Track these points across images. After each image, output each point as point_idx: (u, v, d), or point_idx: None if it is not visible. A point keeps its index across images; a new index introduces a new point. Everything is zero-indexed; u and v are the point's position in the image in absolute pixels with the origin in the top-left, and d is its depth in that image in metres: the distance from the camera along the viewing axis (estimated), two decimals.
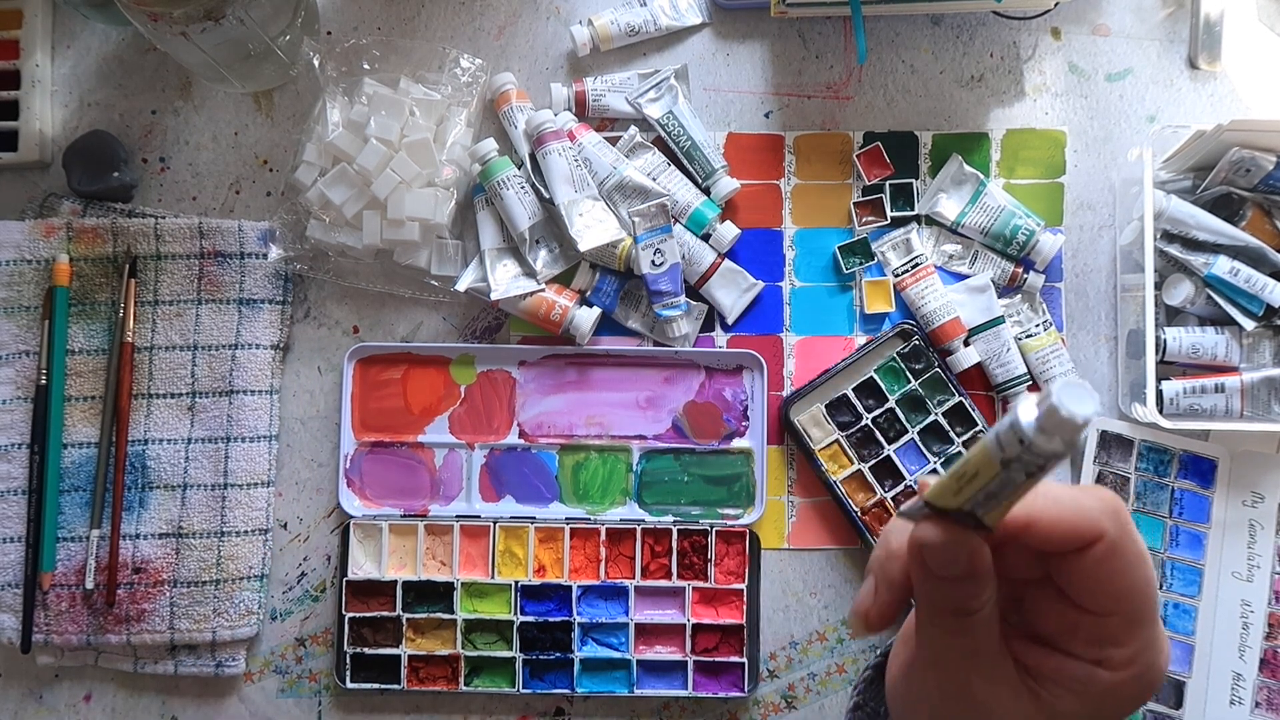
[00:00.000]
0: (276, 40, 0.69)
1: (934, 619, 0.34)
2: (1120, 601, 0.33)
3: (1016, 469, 0.28)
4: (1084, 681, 0.33)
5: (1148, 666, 0.33)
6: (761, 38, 0.76)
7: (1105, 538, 0.32)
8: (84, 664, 0.71)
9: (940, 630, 0.34)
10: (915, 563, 0.33)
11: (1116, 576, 0.32)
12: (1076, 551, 0.32)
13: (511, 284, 0.71)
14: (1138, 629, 0.33)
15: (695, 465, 0.73)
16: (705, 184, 0.74)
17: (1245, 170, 0.67)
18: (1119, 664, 0.33)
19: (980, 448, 0.28)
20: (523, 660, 0.71)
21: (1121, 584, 0.32)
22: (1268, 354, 0.69)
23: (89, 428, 0.71)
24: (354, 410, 0.73)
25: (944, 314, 0.71)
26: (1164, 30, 0.76)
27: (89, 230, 0.72)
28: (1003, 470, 0.28)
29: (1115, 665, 0.33)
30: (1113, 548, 0.32)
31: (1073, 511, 0.32)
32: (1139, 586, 0.33)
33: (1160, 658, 0.34)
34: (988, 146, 0.75)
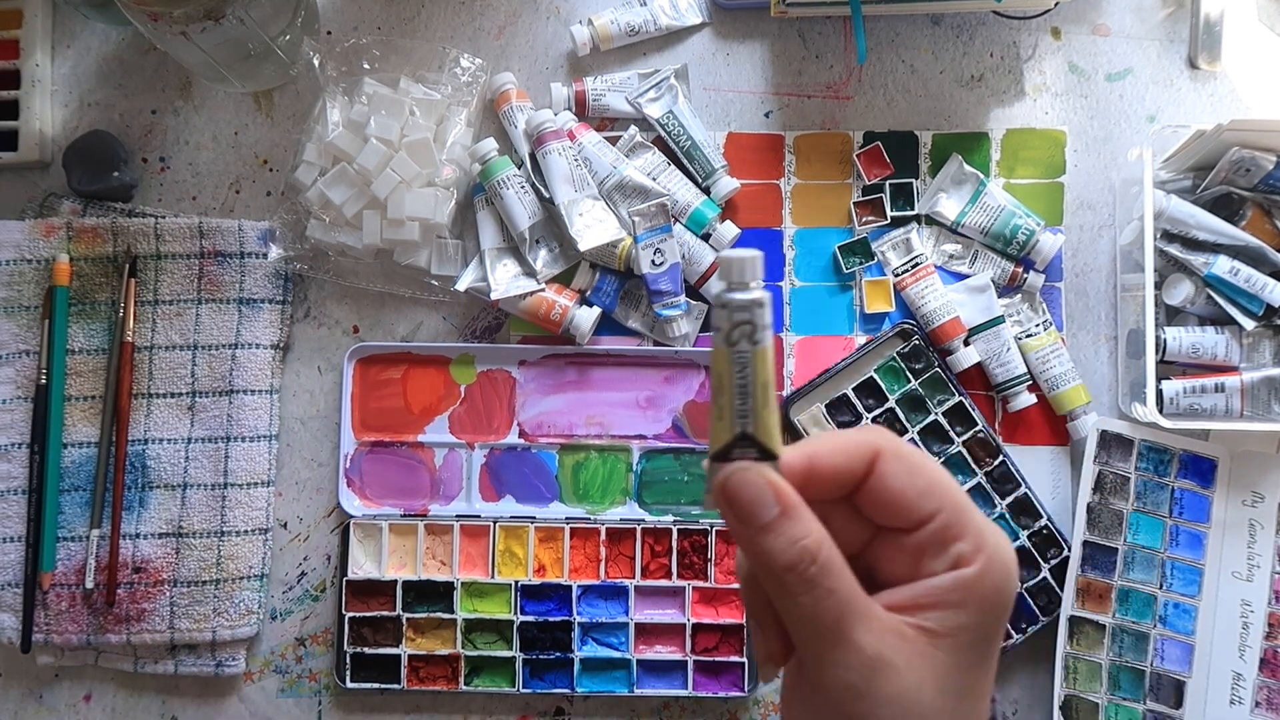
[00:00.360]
0: (276, 40, 0.69)
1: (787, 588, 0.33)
2: (930, 498, 0.34)
3: (738, 337, 0.31)
4: (954, 589, 0.33)
5: (994, 545, 0.34)
6: (761, 38, 0.76)
7: (881, 450, 0.34)
8: (84, 664, 0.71)
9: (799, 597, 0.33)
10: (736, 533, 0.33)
11: (913, 475, 0.34)
12: (867, 478, 0.34)
13: (511, 284, 0.71)
14: (963, 516, 0.34)
15: (695, 465, 0.73)
16: (705, 184, 0.74)
17: (1245, 170, 0.67)
18: (970, 555, 0.33)
19: (711, 352, 0.32)
20: (523, 660, 0.71)
21: (921, 481, 0.34)
22: (1268, 354, 0.69)
23: (89, 427, 0.71)
24: (354, 410, 0.73)
25: (944, 314, 0.71)
26: (1164, 30, 0.76)
27: (89, 230, 0.72)
28: (730, 350, 0.31)
29: (967, 559, 0.33)
30: (892, 454, 0.34)
31: (843, 440, 0.35)
32: (939, 478, 0.34)
33: (1001, 537, 0.34)
34: (988, 146, 0.75)
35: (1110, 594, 0.70)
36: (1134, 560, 0.70)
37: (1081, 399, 0.71)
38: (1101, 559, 0.70)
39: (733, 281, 0.31)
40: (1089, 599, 0.70)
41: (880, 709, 0.33)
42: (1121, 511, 0.70)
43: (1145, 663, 0.69)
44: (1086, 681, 0.69)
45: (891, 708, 0.33)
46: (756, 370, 0.31)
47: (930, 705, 0.33)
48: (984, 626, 0.34)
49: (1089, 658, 0.69)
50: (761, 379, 0.31)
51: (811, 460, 0.34)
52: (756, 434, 0.32)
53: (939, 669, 0.33)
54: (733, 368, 0.31)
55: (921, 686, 0.33)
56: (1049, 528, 0.71)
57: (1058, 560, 0.71)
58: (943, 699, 0.33)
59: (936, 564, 0.34)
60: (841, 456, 0.34)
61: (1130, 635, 0.69)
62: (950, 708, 0.33)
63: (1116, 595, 0.70)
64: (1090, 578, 0.70)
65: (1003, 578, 0.34)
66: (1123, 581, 0.70)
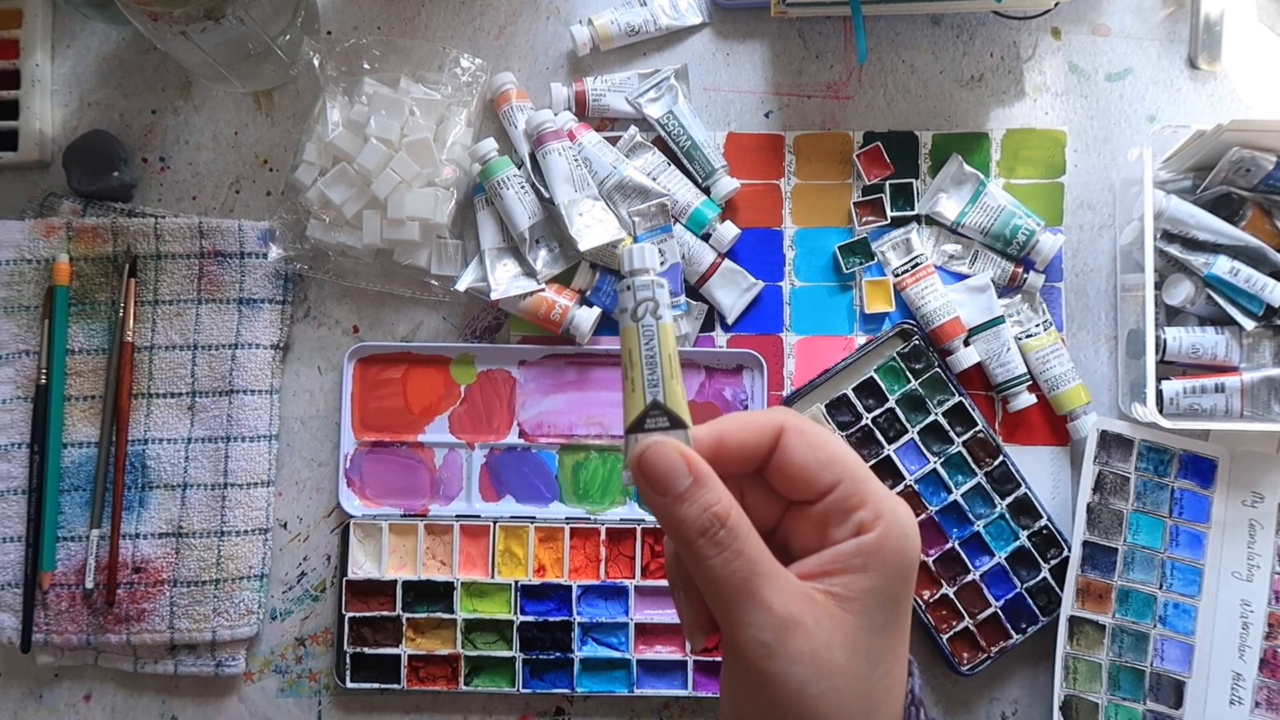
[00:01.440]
0: (276, 40, 0.69)
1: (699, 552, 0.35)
2: (831, 469, 0.36)
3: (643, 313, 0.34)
4: (857, 554, 0.35)
5: (894, 513, 0.36)
6: (761, 38, 0.76)
7: (785, 426, 0.36)
8: (84, 664, 0.71)
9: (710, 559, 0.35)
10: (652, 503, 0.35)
11: (814, 449, 0.36)
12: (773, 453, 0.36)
13: (511, 284, 0.71)
14: (862, 486, 0.36)
15: None
16: (705, 184, 0.74)
17: (1245, 170, 0.67)
18: (870, 522, 0.35)
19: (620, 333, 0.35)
20: (523, 660, 0.71)
21: (822, 454, 0.36)
22: (1268, 354, 0.69)
23: (89, 427, 0.71)
24: (354, 410, 0.73)
25: (944, 314, 0.71)
26: (1164, 30, 0.76)
27: (89, 230, 0.72)
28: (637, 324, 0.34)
29: (868, 525, 0.35)
30: (795, 430, 0.36)
31: (751, 418, 0.37)
32: (839, 451, 0.36)
33: (899, 505, 0.36)
34: (988, 146, 0.75)
35: (1110, 594, 0.70)
36: (1134, 560, 0.70)
37: (1081, 399, 0.71)
38: (1101, 559, 0.70)
39: (634, 268, 0.35)
40: (1089, 599, 0.70)
41: (792, 667, 0.34)
42: (1121, 511, 0.70)
43: (1145, 663, 0.69)
44: (1086, 681, 0.69)
45: (802, 666, 0.34)
46: (662, 343, 0.34)
47: (841, 665, 0.34)
48: (889, 589, 0.35)
49: (1089, 658, 0.69)
50: (667, 351, 0.34)
51: (720, 436, 0.36)
52: (667, 403, 0.34)
53: (848, 630, 0.34)
54: (640, 341, 0.34)
55: (831, 646, 0.34)
56: (1049, 528, 0.71)
57: (1058, 560, 0.71)
58: (854, 660, 0.34)
59: (840, 532, 0.36)
60: (748, 432, 0.36)
61: (1130, 635, 0.70)
62: (861, 669, 0.35)
63: (1116, 595, 0.70)
64: (1090, 578, 0.70)
65: (902, 541, 0.35)
66: (1123, 581, 0.70)
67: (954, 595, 0.71)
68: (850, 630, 0.34)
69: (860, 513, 0.35)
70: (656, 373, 0.34)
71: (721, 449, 0.36)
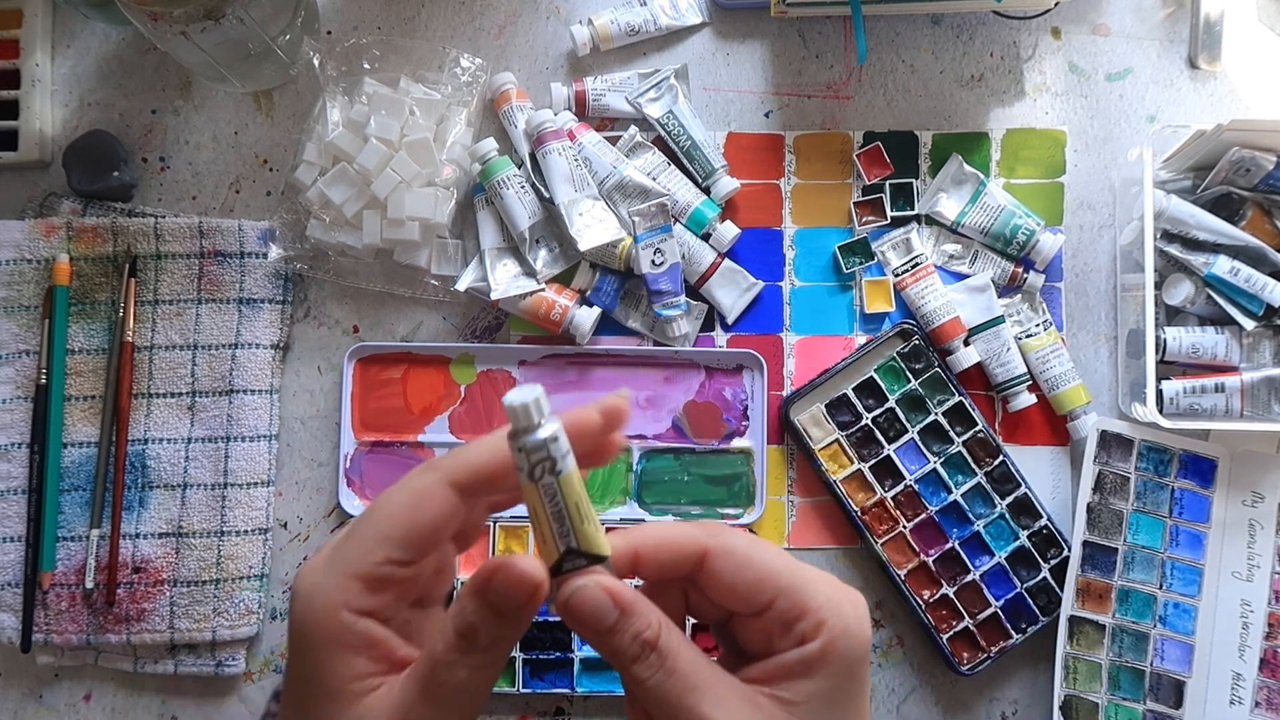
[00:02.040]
0: (276, 40, 0.69)
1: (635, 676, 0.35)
2: (763, 589, 0.35)
3: (540, 473, 0.32)
4: (800, 663, 0.35)
5: (838, 616, 0.35)
6: (761, 37, 0.76)
7: (709, 550, 0.35)
8: (84, 664, 0.71)
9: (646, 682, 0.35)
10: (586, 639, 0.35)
11: (742, 570, 0.35)
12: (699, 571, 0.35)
13: (511, 284, 0.71)
14: (803, 595, 0.35)
15: (695, 465, 0.73)
16: (705, 184, 0.74)
17: (1245, 170, 0.67)
18: (812, 631, 0.35)
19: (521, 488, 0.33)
20: (523, 660, 0.71)
21: (749, 575, 0.35)
22: (1268, 354, 0.69)
23: (89, 427, 0.71)
24: (354, 410, 0.73)
25: (944, 314, 0.71)
26: (1164, 30, 0.76)
27: (89, 230, 0.72)
28: (535, 485, 0.32)
29: (810, 635, 0.35)
30: (719, 552, 0.35)
31: (669, 537, 0.36)
32: (770, 566, 0.35)
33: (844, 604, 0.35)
34: (988, 146, 0.75)
35: (1110, 594, 0.70)
36: (1134, 560, 0.70)
37: (1081, 399, 0.71)
38: (1101, 559, 0.70)
39: (520, 426, 0.32)
40: (1089, 599, 0.70)
41: None
42: (1121, 511, 0.70)
43: (1145, 663, 0.69)
44: (1086, 681, 0.69)
45: None
46: (565, 495, 0.33)
47: None
48: (837, 689, 0.35)
49: (1089, 658, 0.69)
50: (572, 500, 0.33)
51: (636, 554, 0.36)
52: (580, 546, 0.34)
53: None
54: (543, 500, 0.33)
55: None
56: (1049, 528, 0.71)
57: (1058, 560, 0.71)
58: None
59: (783, 642, 0.35)
60: (666, 553, 0.36)
61: (1130, 635, 0.70)
62: None
63: (1116, 595, 0.70)
64: (1090, 578, 0.70)
65: (846, 643, 0.35)
66: (1123, 581, 0.70)
67: (954, 595, 0.71)
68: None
69: (800, 624, 0.35)
70: (565, 524, 0.33)
71: (637, 566, 0.36)
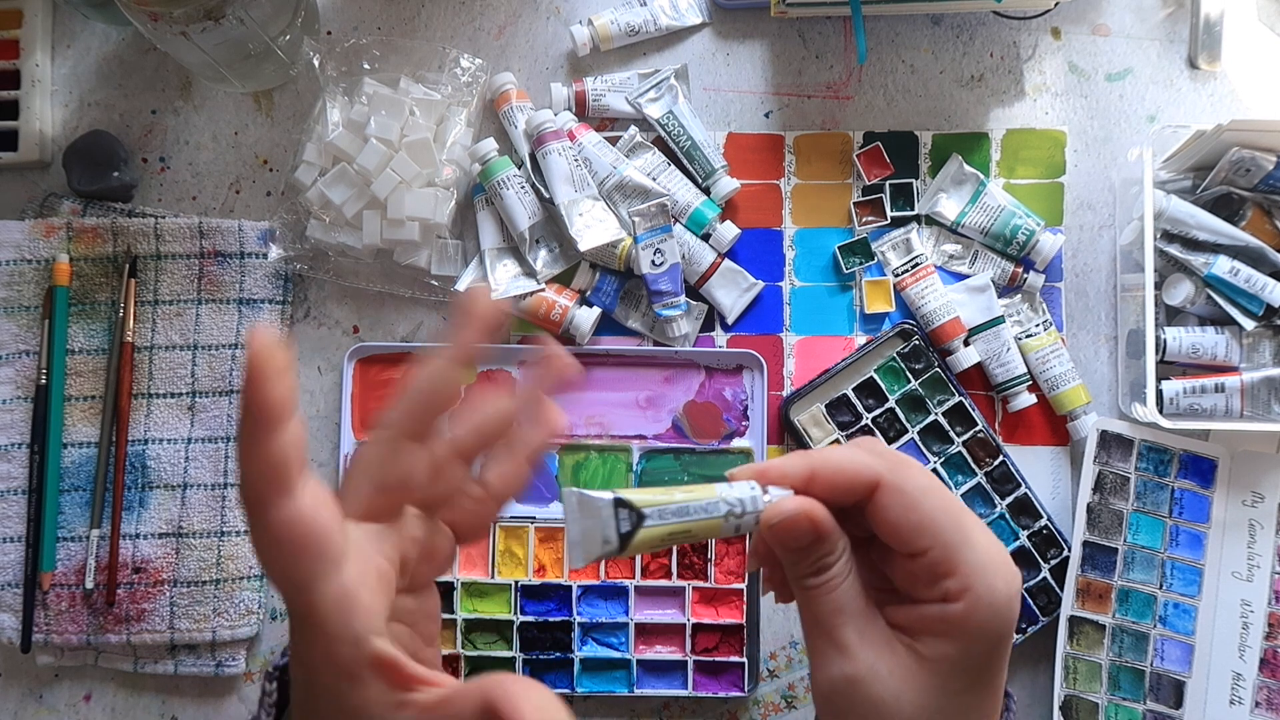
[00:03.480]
0: (276, 40, 0.69)
1: (800, 584, 0.36)
2: (923, 535, 0.35)
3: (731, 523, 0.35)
4: (940, 621, 0.35)
5: (986, 588, 0.34)
6: (761, 38, 0.76)
7: (881, 481, 0.35)
8: (84, 664, 0.71)
9: (809, 592, 0.36)
10: (772, 543, 0.36)
11: (908, 512, 0.35)
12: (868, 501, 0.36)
13: (511, 284, 0.71)
14: (956, 555, 0.34)
15: (695, 465, 0.73)
16: (705, 184, 0.74)
17: (1245, 170, 0.67)
18: (956, 593, 0.34)
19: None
20: (523, 660, 0.71)
21: (914, 518, 0.35)
22: (1268, 354, 0.69)
23: (89, 427, 0.71)
24: (354, 410, 0.73)
25: (944, 314, 0.71)
26: (1164, 30, 0.76)
27: (89, 230, 0.72)
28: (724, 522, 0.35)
29: (954, 595, 0.34)
30: (892, 488, 0.35)
31: (848, 462, 0.36)
32: (935, 516, 0.35)
33: (996, 581, 0.34)
34: (988, 146, 0.75)
35: (1110, 594, 0.70)
36: (1134, 560, 0.70)
37: (1081, 399, 0.71)
38: (1101, 559, 0.70)
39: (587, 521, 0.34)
40: (1089, 599, 0.70)
41: (857, 707, 0.35)
42: (1121, 511, 0.70)
43: (1145, 663, 0.69)
44: (1086, 681, 0.69)
45: (866, 708, 0.34)
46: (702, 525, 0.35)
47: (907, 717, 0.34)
48: (971, 657, 0.35)
49: (1089, 658, 0.69)
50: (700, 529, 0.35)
51: (814, 473, 0.36)
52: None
53: (922, 685, 0.34)
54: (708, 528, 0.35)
55: (900, 698, 0.34)
56: (1049, 528, 0.71)
57: (1058, 560, 0.71)
58: (921, 715, 0.34)
59: (927, 592, 0.35)
60: (842, 479, 0.36)
61: (1130, 635, 0.70)
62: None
63: (1116, 595, 0.70)
64: (1090, 578, 0.70)
65: (989, 616, 0.34)
66: (1123, 581, 0.70)
67: None
68: (923, 686, 0.34)
69: (947, 582, 0.34)
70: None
71: (810, 486, 0.36)
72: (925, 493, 0.35)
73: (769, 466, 0.36)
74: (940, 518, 0.35)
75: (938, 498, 0.35)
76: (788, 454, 0.37)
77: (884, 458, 0.36)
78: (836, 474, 0.36)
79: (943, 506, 0.35)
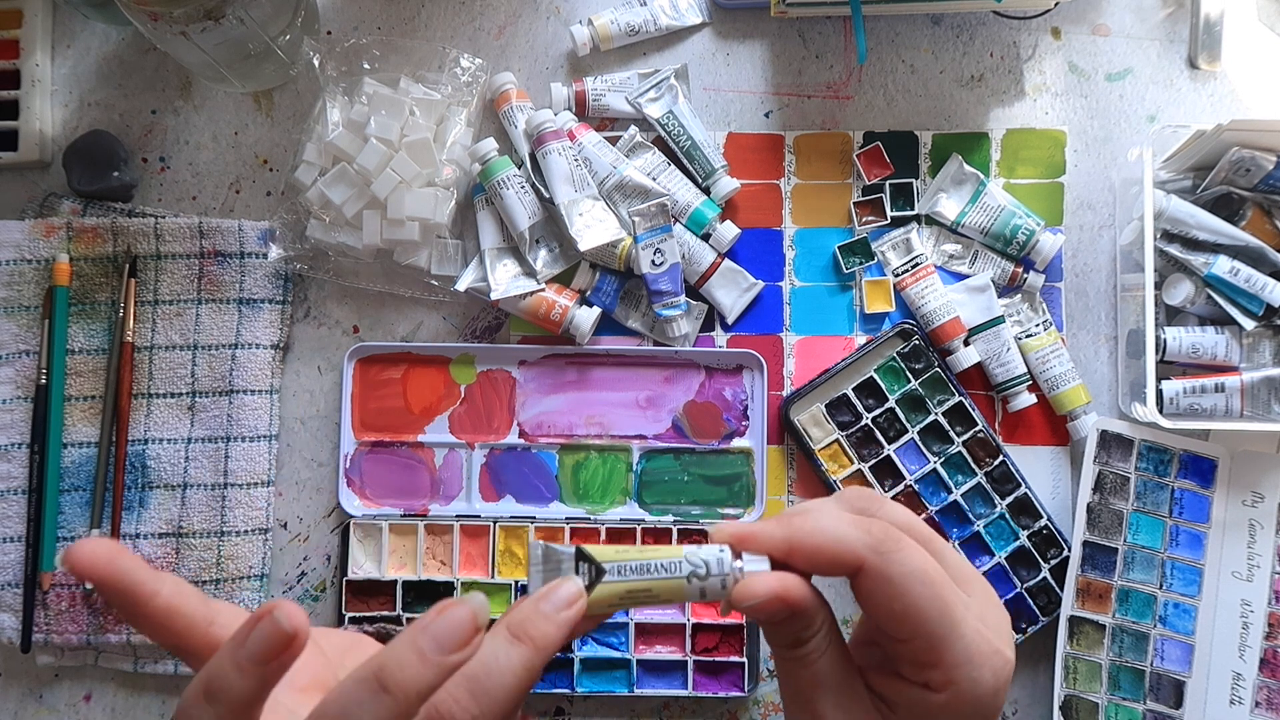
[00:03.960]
0: (276, 40, 0.69)
1: (778, 653, 0.35)
2: (906, 624, 0.33)
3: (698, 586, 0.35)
4: (919, 705, 0.34)
5: (971, 681, 0.33)
6: (761, 37, 0.76)
7: (864, 566, 0.33)
8: (84, 664, 0.71)
9: (786, 662, 0.35)
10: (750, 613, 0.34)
11: (891, 601, 0.33)
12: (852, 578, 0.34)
13: (511, 284, 0.71)
14: (941, 648, 0.33)
15: (695, 465, 0.73)
16: (705, 184, 0.74)
17: (1245, 170, 0.67)
18: (939, 684, 0.33)
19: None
20: None
21: (898, 607, 0.33)
22: (1268, 354, 0.69)
23: (89, 427, 0.71)
24: (354, 410, 0.73)
25: (944, 314, 0.71)
26: (1164, 30, 0.76)
27: (89, 230, 0.72)
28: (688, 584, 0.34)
29: (937, 686, 0.33)
30: (875, 573, 0.33)
31: (830, 540, 0.33)
32: (920, 605, 0.33)
33: (982, 674, 0.33)
34: (988, 146, 0.75)
35: (1110, 594, 0.70)
36: (1134, 560, 0.70)
37: (1081, 399, 0.71)
38: (1101, 559, 0.70)
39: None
40: (1089, 599, 0.70)
41: None
42: (1121, 511, 0.70)
43: (1145, 663, 0.69)
44: (1086, 681, 0.69)
45: None
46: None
47: None
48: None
49: (1089, 658, 0.69)
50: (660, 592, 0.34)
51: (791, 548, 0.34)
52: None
53: None
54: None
55: None
56: (1049, 528, 0.71)
57: (1058, 560, 0.71)
58: None
59: (913, 674, 0.34)
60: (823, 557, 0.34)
61: (1130, 635, 0.70)
62: None
63: (1116, 595, 0.70)
64: (1090, 578, 0.70)
65: (971, 711, 0.33)
66: (1123, 581, 0.70)
67: None
68: None
69: (931, 672, 0.33)
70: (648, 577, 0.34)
71: (788, 558, 0.34)
72: (910, 579, 0.33)
73: (746, 535, 0.34)
74: (926, 607, 0.33)
75: (924, 585, 0.33)
76: (768, 519, 0.35)
77: (870, 532, 0.33)
78: (816, 551, 0.33)
79: (930, 594, 0.33)
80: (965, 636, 0.33)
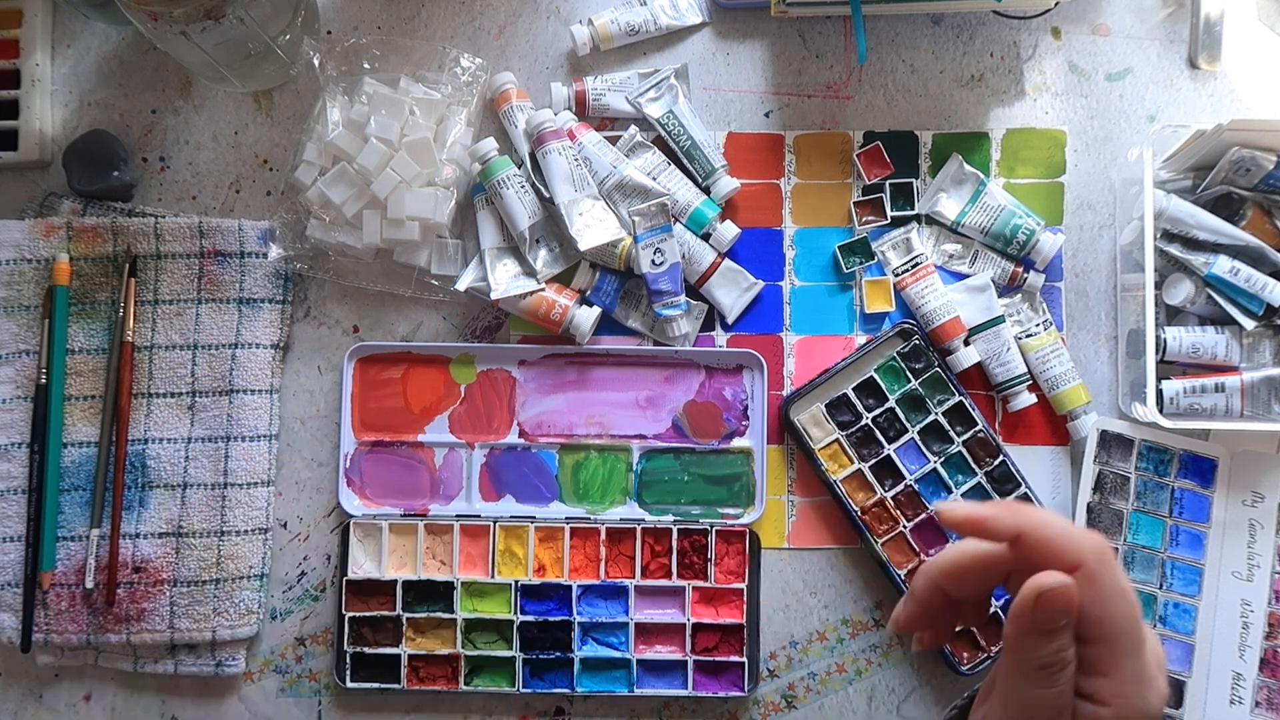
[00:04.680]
0: (276, 40, 0.69)
1: (1030, 677, 0.36)
2: (1099, 630, 0.36)
3: None
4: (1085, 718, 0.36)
5: (1140, 698, 0.36)
6: (761, 37, 0.76)
7: (1084, 567, 0.36)
8: (84, 663, 0.71)
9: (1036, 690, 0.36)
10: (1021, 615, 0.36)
11: (1094, 605, 0.36)
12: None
13: (511, 283, 0.71)
14: (1120, 660, 0.36)
15: (695, 465, 0.73)
16: (705, 183, 0.74)
17: (1245, 170, 0.67)
18: (1107, 697, 0.36)
19: None
20: (523, 660, 0.71)
21: (1098, 613, 0.36)
22: (1268, 353, 0.69)
23: (89, 427, 0.71)
24: (354, 410, 0.73)
25: (944, 313, 0.71)
26: (1164, 30, 0.76)
27: (89, 230, 0.72)
28: None
29: (1105, 698, 0.36)
30: (1090, 578, 0.36)
31: (1060, 536, 0.37)
32: (1117, 619, 0.36)
33: (1150, 695, 0.36)
34: (988, 146, 0.75)
35: None
36: (1134, 560, 0.70)
37: (1081, 399, 0.71)
38: None
39: None
40: None
41: None
42: (1121, 511, 0.70)
43: None
44: None
45: None
46: None
47: None
48: None
49: None
50: None
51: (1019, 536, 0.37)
52: None
53: None
54: None
55: None
56: None
57: None
58: None
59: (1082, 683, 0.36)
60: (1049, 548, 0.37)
61: None
62: None
63: None
64: None
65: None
66: None
67: None
68: None
69: (1103, 680, 0.36)
70: None
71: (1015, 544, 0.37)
72: (1118, 591, 0.36)
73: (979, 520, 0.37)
74: (1123, 621, 0.36)
75: (1126, 604, 0.36)
76: (983, 504, 0.38)
77: (1096, 541, 0.37)
78: (1045, 541, 0.37)
79: (1129, 613, 0.36)
80: (1144, 658, 0.36)
